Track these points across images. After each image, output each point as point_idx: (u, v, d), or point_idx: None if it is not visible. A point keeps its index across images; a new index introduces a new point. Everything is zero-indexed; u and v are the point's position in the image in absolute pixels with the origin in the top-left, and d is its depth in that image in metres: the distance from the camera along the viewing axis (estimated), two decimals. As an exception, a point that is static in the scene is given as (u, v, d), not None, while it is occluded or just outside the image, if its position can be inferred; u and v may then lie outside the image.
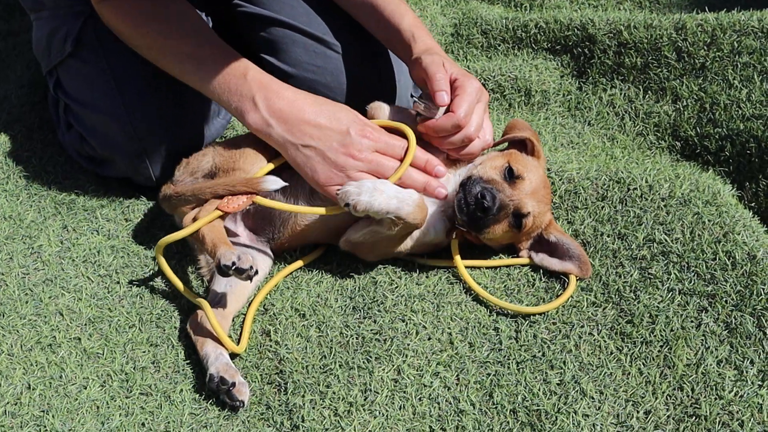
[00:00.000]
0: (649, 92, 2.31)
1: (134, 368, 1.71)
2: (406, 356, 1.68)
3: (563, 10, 2.88)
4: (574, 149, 2.25)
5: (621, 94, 2.36)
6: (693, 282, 1.72)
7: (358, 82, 2.15)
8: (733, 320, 1.64)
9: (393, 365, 1.67)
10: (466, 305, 1.79)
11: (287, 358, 1.71)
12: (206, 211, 1.75)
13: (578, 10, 2.82)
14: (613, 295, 1.76)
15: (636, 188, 1.92)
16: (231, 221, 1.87)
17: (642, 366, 1.63)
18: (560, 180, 2.00)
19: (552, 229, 1.85)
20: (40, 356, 1.71)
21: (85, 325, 1.79)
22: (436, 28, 2.84)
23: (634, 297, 1.74)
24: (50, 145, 2.32)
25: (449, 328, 1.74)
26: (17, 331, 1.75)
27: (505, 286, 1.84)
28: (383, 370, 1.66)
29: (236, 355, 1.72)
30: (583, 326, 1.71)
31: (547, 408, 1.57)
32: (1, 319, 1.77)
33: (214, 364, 1.64)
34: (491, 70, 2.55)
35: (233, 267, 1.63)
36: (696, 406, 1.54)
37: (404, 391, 1.63)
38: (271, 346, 1.74)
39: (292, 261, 1.92)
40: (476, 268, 1.88)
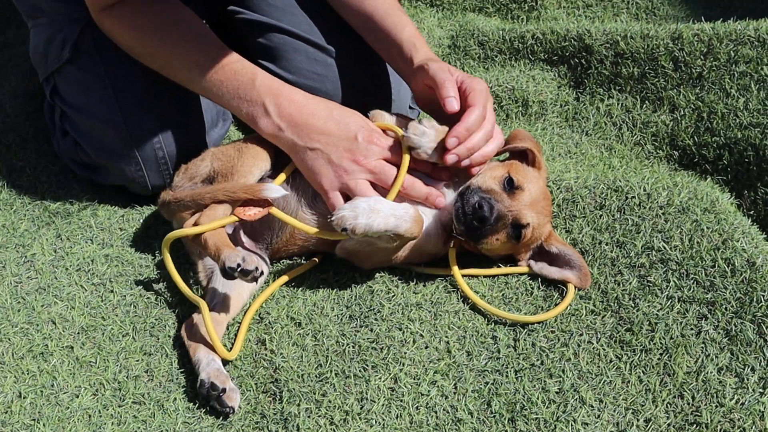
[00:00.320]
0: (647, 102, 2.31)
1: (127, 377, 1.69)
2: (403, 365, 1.66)
3: (560, 21, 2.88)
4: (571, 159, 2.25)
5: (618, 104, 2.35)
6: (692, 289, 1.70)
7: (351, 85, 2.14)
8: (733, 327, 1.62)
9: (390, 374, 1.64)
10: (463, 314, 1.77)
11: (282, 366, 1.68)
12: (207, 216, 1.73)
13: (575, 21, 2.83)
14: (612, 303, 1.74)
15: (634, 197, 1.91)
16: (229, 226, 1.85)
17: (642, 374, 1.61)
18: (558, 189, 1.99)
19: (553, 240, 1.83)
20: (32, 364, 1.69)
21: (78, 333, 1.77)
22: (434, 40, 2.83)
23: (633, 305, 1.72)
24: (45, 155, 2.31)
25: (446, 336, 1.72)
26: (9, 339, 1.73)
27: (503, 294, 1.82)
28: (380, 378, 1.64)
29: (228, 362, 1.70)
30: (582, 334, 1.70)
31: (545, 416, 1.55)
32: (-7, 327, 1.76)
33: (206, 369, 1.62)
34: (488, 81, 2.54)
35: (239, 269, 1.61)
36: (697, 413, 1.52)
37: (401, 400, 1.60)
38: (266, 354, 1.72)
39: (288, 270, 1.90)
40: (474, 276, 1.86)
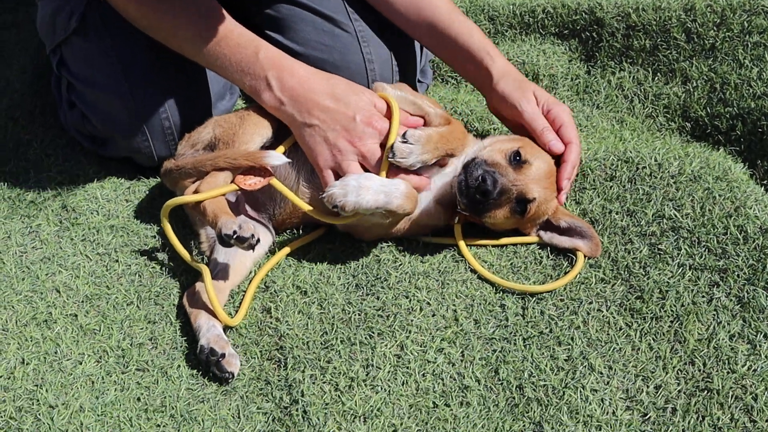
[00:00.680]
0: (659, 74, 2.26)
1: (131, 345, 1.68)
2: (410, 332, 1.64)
3: (570, -5, 2.84)
4: (582, 132, 2.21)
5: (630, 76, 2.31)
6: (704, 257, 1.67)
7: (372, 58, 2.11)
8: (746, 294, 1.59)
9: (396, 341, 1.62)
10: (471, 282, 1.75)
11: (288, 334, 1.67)
12: (207, 183, 1.72)
13: (586, -4, 2.78)
14: (623, 272, 1.71)
15: (645, 167, 1.88)
16: (232, 194, 1.83)
17: (652, 341, 1.58)
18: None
19: (560, 215, 1.80)
20: (35, 332, 1.68)
21: (82, 302, 1.76)
22: (443, 16, 2.80)
23: (643, 273, 1.69)
24: (51, 128, 2.30)
25: (454, 305, 1.70)
26: (12, 307, 1.72)
27: (511, 263, 1.80)
28: (386, 345, 1.62)
29: (231, 328, 1.69)
30: (591, 302, 1.67)
31: (554, 383, 1.53)
32: (-3, 295, 1.75)
33: (206, 335, 1.61)
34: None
35: (235, 236, 1.60)
36: (708, 380, 1.49)
37: (407, 367, 1.58)
38: (271, 323, 1.70)
39: (294, 240, 1.88)
40: (482, 246, 1.84)
